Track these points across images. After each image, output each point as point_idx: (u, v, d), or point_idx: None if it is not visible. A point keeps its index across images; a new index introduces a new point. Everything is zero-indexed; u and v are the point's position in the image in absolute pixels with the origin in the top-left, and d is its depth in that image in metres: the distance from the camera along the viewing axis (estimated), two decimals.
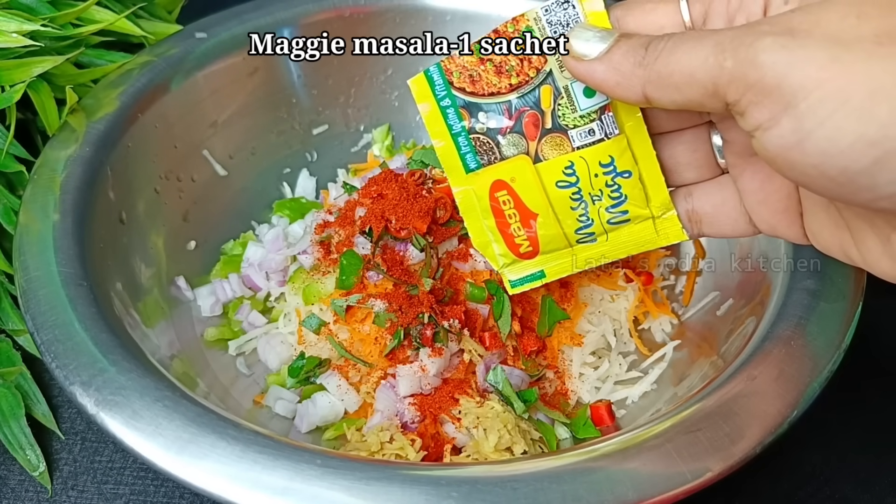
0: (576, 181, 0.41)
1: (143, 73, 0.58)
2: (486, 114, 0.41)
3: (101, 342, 0.41)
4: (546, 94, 0.40)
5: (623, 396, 0.52)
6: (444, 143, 0.42)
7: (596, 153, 0.41)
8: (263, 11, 0.65)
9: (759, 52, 0.29)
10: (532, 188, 0.42)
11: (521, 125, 0.41)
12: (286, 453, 0.36)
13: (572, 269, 0.45)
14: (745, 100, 0.30)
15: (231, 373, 0.53)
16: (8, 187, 0.55)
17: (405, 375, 0.48)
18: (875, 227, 0.34)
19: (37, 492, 0.49)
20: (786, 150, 0.30)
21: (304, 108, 0.68)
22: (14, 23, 0.52)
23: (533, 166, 0.41)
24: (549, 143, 0.41)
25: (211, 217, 0.61)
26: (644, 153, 0.41)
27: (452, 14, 0.67)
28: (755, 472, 0.50)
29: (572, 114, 0.40)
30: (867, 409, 0.54)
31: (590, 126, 0.40)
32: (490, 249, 0.45)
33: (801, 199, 0.38)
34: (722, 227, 0.42)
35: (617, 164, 0.41)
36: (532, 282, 0.45)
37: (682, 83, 0.32)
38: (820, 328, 0.43)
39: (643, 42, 0.34)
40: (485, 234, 0.44)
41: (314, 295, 0.52)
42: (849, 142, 0.28)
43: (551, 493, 0.35)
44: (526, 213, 0.42)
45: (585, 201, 0.42)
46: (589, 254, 0.44)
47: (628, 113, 0.40)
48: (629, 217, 0.42)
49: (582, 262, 0.44)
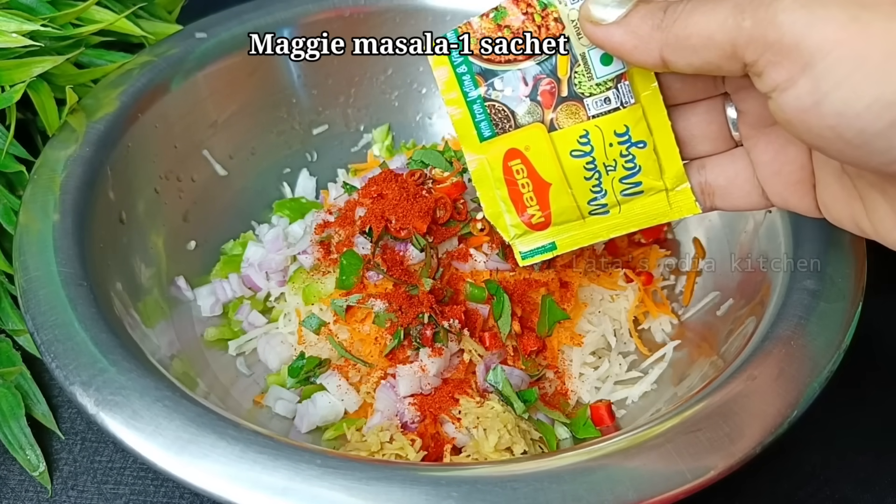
0: (590, 150, 0.41)
1: (143, 73, 0.58)
2: (501, 81, 0.41)
3: (101, 342, 0.41)
4: (563, 62, 0.40)
5: (623, 396, 0.52)
6: (459, 110, 0.42)
7: (611, 122, 0.40)
8: (263, 11, 0.65)
9: (778, 11, 0.29)
10: (546, 157, 0.42)
11: (537, 93, 0.41)
12: (286, 453, 0.36)
13: (584, 241, 0.44)
14: (763, 60, 0.30)
15: (231, 373, 0.53)
16: (8, 187, 0.55)
17: (405, 375, 0.48)
18: (887, 197, 0.34)
19: (37, 492, 0.49)
20: (802, 111, 0.30)
21: (304, 108, 0.68)
22: (14, 23, 0.52)
23: (548, 135, 0.41)
24: (564, 111, 0.41)
25: (211, 217, 0.61)
26: (659, 124, 0.41)
27: (452, 14, 0.67)
28: (755, 472, 0.50)
29: (588, 81, 0.40)
30: (867, 409, 0.54)
31: (606, 94, 0.40)
32: (502, 220, 0.44)
33: (814, 170, 0.38)
34: (735, 200, 0.42)
35: (632, 134, 0.41)
36: (543, 253, 0.45)
37: (699, 45, 0.32)
38: (820, 328, 0.43)
39: (661, 5, 0.34)
40: (497, 204, 0.44)
41: (314, 295, 0.52)
42: (865, 104, 0.28)
43: (551, 493, 0.35)
44: (539, 182, 0.42)
45: (599, 171, 0.41)
46: (601, 226, 0.43)
47: (644, 82, 0.40)
48: (642, 189, 0.42)
49: (593, 235, 0.44)
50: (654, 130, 0.41)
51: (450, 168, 0.53)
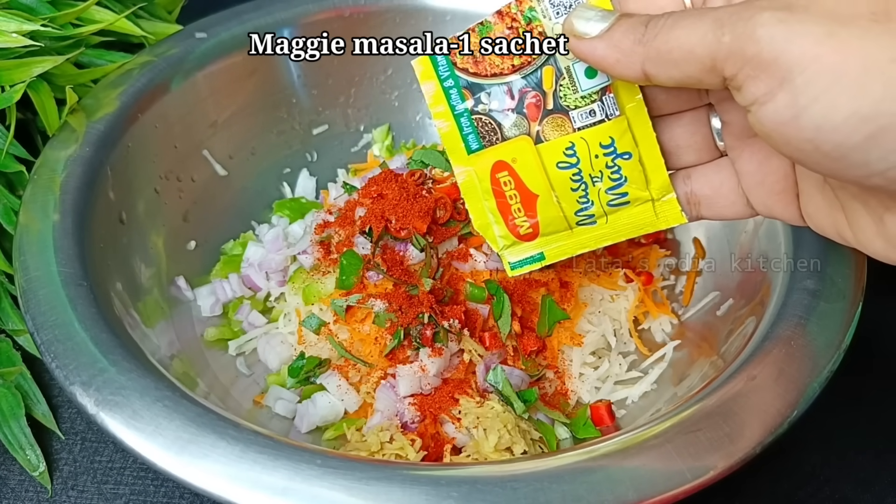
0: (576, 162, 0.41)
1: (143, 73, 0.58)
2: (488, 94, 0.41)
3: (101, 342, 0.41)
4: (548, 75, 0.40)
5: (623, 396, 0.52)
6: (446, 123, 0.42)
7: (597, 134, 0.41)
8: (263, 11, 0.65)
9: (756, 26, 0.30)
10: (533, 169, 0.42)
11: (524, 106, 0.41)
12: (286, 453, 0.36)
13: (571, 251, 0.44)
14: (742, 74, 0.31)
15: (231, 373, 0.53)
16: (8, 187, 0.55)
17: (405, 375, 0.48)
18: (868, 208, 0.35)
19: (37, 492, 0.49)
20: (781, 125, 0.30)
21: (304, 108, 0.68)
22: (14, 23, 0.52)
23: (534, 147, 0.42)
24: (550, 123, 0.41)
25: (211, 217, 0.61)
26: (644, 135, 0.41)
27: (452, 14, 0.67)
28: (755, 472, 0.50)
29: (574, 94, 0.40)
30: (867, 409, 0.54)
31: (591, 107, 0.40)
32: (490, 231, 0.45)
33: (797, 180, 0.39)
34: (720, 210, 0.42)
35: (617, 146, 0.41)
36: (532, 264, 0.45)
37: (680, 59, 0.33)
38: (820, 328, 0.43)
39: (643, 20, 0.35)
40: (485, 215, 0.44)
41: (314, 295, 0.52)
42: (843, 117, 0.29)
43: (551, 493, 0.35)
44: (527, 194, 0.43)
45: (586, 182, 0.42)
46: (588, 236, 0.44)
47: (629, 95, 0.40)
48: (629, 199, 0.42)
49: (580, 245, 0.44)
50: (640, 142, 0.41)
51: (450, 168, 0.53)
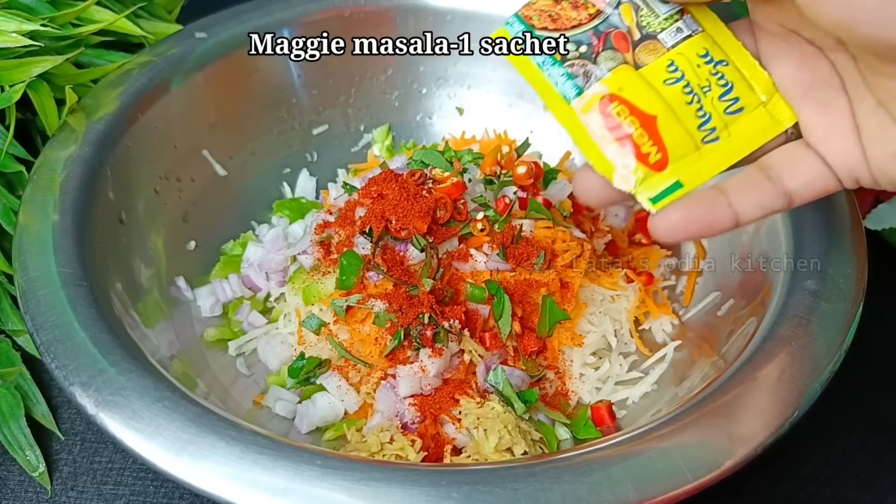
0: (682, 75, 0.41)
1: (143, 73, 0.58)
2: (574, 44, 0.41)
3: (100, 342, 0.41)
4: (626, 11, 0.41)
5: (624, 397, 0.52)
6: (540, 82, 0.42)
7: (690, 47, 0.41)
8: (263, 11, 0.65)
9: None
10: (643, 91, 0.41)
11: (611, 42, 0.41)
12: (286, 454, 0.36)
13: (706, 174, 0.42)
14: None
15: (231, 373, 0.53)
16: (7, 187, 0.55)
17: (405, 376, 0.48)
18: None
19: (36, 492, 0.49)
20: None
21: (304, 108, 0.67)
22: (14, 23, 0.52)
23: (636, 72, 0.41)
24: (643, 50, 0.41)
25: (211, 217, 0.61)
26: (731, 46, 0.42)
27: (452, 14, 0.66)
28: (756, 472, 0.50)
29: (655, 20, 0.41)
30: (867, 410, 0.54)
31: (676, 25, 0.41)
32: (614, 172, 0.42)
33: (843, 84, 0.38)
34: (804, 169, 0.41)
35: (712, 55, 0.42)
36: (672, 193, 0.42)
37: None
38: (821, 328, 0.43)
39: None
40: (605, 158, 0.41)
41: (314, 295, 0.52)
42: None
43: (551, 494, 0.35)
44: (644, 117, 0.41)
45: (697, 94, 0.42)
46: (717, 155, 0.42)
47: (702, 15, 0.41)
48: (742, 105, 0.42)
49: (713, 166, 0.42)
50: (729, 52, 0.42)
51: (450, 168, 0.53)
